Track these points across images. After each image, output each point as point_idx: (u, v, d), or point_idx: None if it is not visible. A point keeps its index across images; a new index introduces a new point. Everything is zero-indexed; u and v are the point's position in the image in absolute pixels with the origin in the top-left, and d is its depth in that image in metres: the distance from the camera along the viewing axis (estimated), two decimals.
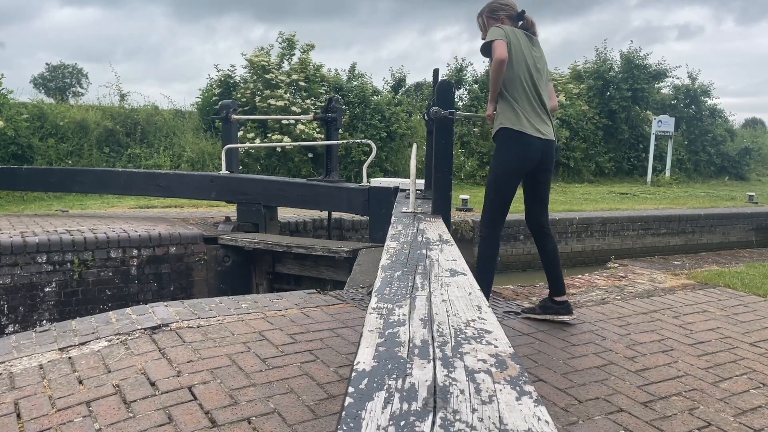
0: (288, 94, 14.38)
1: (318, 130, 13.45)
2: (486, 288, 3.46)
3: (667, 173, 18.85)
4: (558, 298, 3.60)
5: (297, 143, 11.81)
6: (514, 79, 3.28)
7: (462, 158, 16.54)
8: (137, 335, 3.11)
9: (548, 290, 3.71)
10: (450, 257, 2.14)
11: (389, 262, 2.02)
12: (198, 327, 3.24)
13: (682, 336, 3.50)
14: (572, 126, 18.28)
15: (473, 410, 0.89)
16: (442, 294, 1.58)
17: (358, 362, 1.06)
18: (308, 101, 14.59)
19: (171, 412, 2.27)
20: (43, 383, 2.55)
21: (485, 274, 3.43)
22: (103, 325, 3.31)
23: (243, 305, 3.71)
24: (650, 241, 10.41)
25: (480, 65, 21.25)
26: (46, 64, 49.10)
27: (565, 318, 3.58)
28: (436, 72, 4.38)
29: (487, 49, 3.25)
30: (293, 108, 13.75)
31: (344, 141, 9.94)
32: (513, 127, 3.24)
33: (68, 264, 5.88)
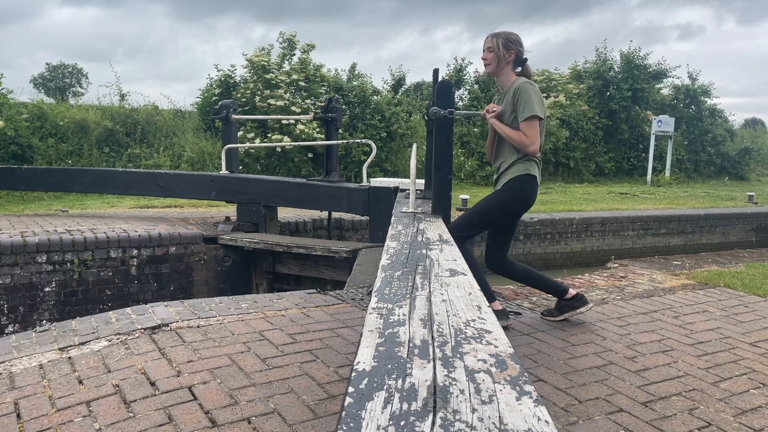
0: (288, 94, 14.38)
1: (318, 130, 13.45)
2: (481, 285, 3.48)
3: (667, 173, 18.85)
4: (567, 296, 3.64)
5: (297, 143, 11.81)
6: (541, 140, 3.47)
7: (462, 158, 16.53)
8: (137, 335, 3.11)
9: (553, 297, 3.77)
10: (450, 257, 2.14)
11: (389, 262, 2.02)
12: (198, 327, 3.24)
13: (682, 336, 3.50)
14: (572, 126, 18.27)
15: (473, 410, 0.89)
16: (442, 294, 1.58)
17: (358, 362, 1.06)
18: (308, 101, 14.59)
19: (171, 411, 2.27)
20: (43, 383, 2.55)
21: (475, 275, 3.45)
22: (103, 325, 3.31)
23: (243, 305, 3.71)
24: (650, 241, 10.41)
25: (480, 65, 21.23)
26: (46, 64, 49.13)
27: (583, 309, 3.63)
28: (436, 72, 4.37)
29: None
30: (293, 108, 13.75)
31: (344, 141, 9.94)
32: (537, 178, 3.46)
33: (68, 264, 5.88)
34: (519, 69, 3.53)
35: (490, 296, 3.51)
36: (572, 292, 3.63)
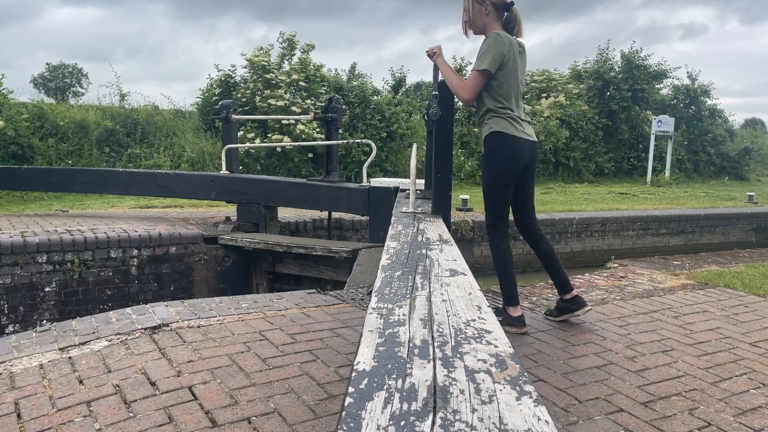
0: (288, 94, 14.38)
1: (318, 130, 13.45)
2: (510, 288, 3.45)
3: (667, 173, 18.85)
4: (567, 296, 3.59)
5: (297, 143, 11.81)
6: (507, 91, 3.30)
7: (462, 158, 16.53)
8: (137, 335, 3.11)
9: (556, 291, 3.71)
10: (450, 257, 2.14)
11: (389, 262, 2.02)
12: (198, 327, 3.24)
13: (682, 336, 3.50)
14: (572, 126, 18.27)
15: (473, 410, 0.89)
16: (442, 294, 1.58)
17: (358, 362, 1.06)
18: (308, 101, 14.60)
19: (171, 411, 2.27)
20: (43, 383, 2.55)
21: (507, 274, 3.44)
22: (104, 324, 3.32)
23: (243, 305, 3.71)
24: (650, 241, 10.41)
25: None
26: (46, 64, 49.10)
27: (579, 313, 3.58)
28: (436, 69, 4.36)
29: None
30: (293, 108, 13.75)
31: (344, 141, 9.94)
32: (505, 131, 3.28)
33: (68, 264, 5.88)
34: (504, 15, 3.38)
35: (515, 300, 3.46)
36: (573, 293, 3.60)
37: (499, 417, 0.87)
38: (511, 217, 3.56)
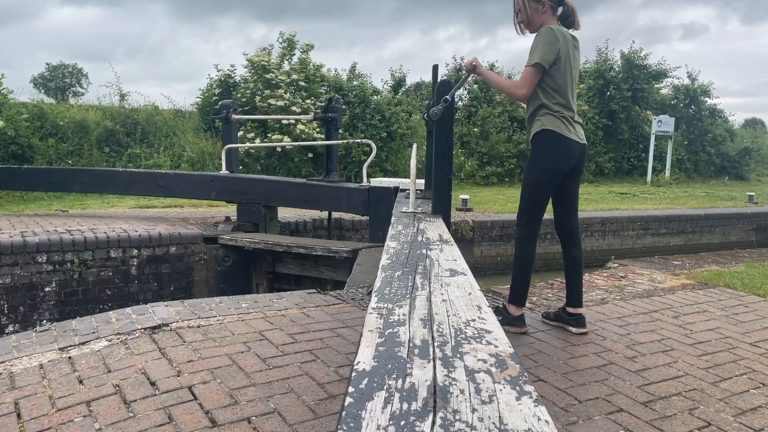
0: (288, 94, 14.38)
1: (318, 130, 13.45)
2: (522, 290, 3.41)
3: (667, 173, 18.85)
4: (572, 310, 3.50)
5: (297, 143, 11.81)
6: (562, 87, 3.24)
7: (462, 158, 16.55)
8: (137, 335, 3.11)
9: (557, 292, 3.66)
10: (450, 257, 2.14)
11: (389, 262, 2.02)
12: (198, 327, 3.24)
13: (682, 336, 3.50)
14: None
15: (473, 410, 0.89)
16: (442, 294, 1.58)
17: (358, 362, 1.06)
18: (308, 101, 14.60)
19: (171, 411, 2.27)
20: (43, 383, 2.55)
21: (524, 275, 3.41)
22: (104, 324, 3.32)
23: (243, 305, 3.71)
24: (650, 241, 10.41)
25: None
26: (46, 64, 49.12)
27: (573, 329, 3.47)
28: (435, 68, 4.36)
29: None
30: (293, 108, 13.75)
31: (344, 141, 9.94)
32: (557, 130, 3.21)
33: (68, 264, 5.88)
34: (561, 9, 3.33)
35: (522, 301, 3.43)
36: (579, 310, 3.50)
37: (499, 417, 0.87)
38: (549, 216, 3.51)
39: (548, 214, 3.44)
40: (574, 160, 3.32)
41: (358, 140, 9.86)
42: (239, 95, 14.13)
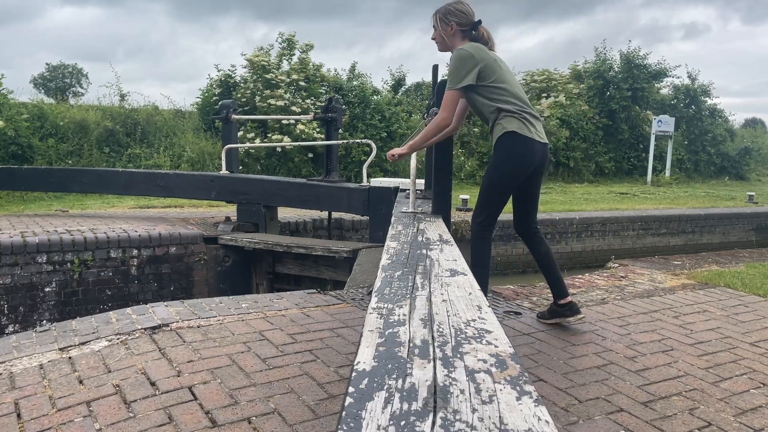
0: (288, 94, 14.38)
1: (318, 130, 13.46)
2: (483, 286, 3.43)
3: (667, 173, 18.84)
4: (561, 301, 3.53)
5: (297, 143, 11.81)
6: (507, 88, 3.24)
7: (462, 158, 16.54)
8: (137, 335, 3.11)
9: (551, 293, 3.67)
10: (450, 257, 2.14)
11: (389, 262, 2.02)
12: (198, 327, 3.24)
13: (682, 336, 3.50)
14: (572, 126, 18.27)
15: (473, 410, 0.89)
16: (442, 294, 1.58)
17: (359, 362, 1.06)
18: (308, 101, 14.60)
19: (171, 411, 2.27)
20: (43, 383, 2.55)
21: (483, 271, 3.41)
22: (104, 325, 3.32)
23: (243, 305, 3.71)
24: (650, 241, 10.41)
25: None
26: (46, 64, 49.08)
27: (571, 320, 3.51)
28: (435, 68, 4.36)
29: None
30: (293, 108, 13.76)
31: (344, 141, 9.95)
32: (519, 131, 3.20)
33: (68, 264, 5.88)
34: (472, 34, 3.33)
35: (485, 291, 3.48)
36: (568, 299, 3.54)
37: (500, 417, 0.87)
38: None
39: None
40: (537, 160, 3.31)
41: (358, 140, 9.86)
42: (239, 95, 14.13)
